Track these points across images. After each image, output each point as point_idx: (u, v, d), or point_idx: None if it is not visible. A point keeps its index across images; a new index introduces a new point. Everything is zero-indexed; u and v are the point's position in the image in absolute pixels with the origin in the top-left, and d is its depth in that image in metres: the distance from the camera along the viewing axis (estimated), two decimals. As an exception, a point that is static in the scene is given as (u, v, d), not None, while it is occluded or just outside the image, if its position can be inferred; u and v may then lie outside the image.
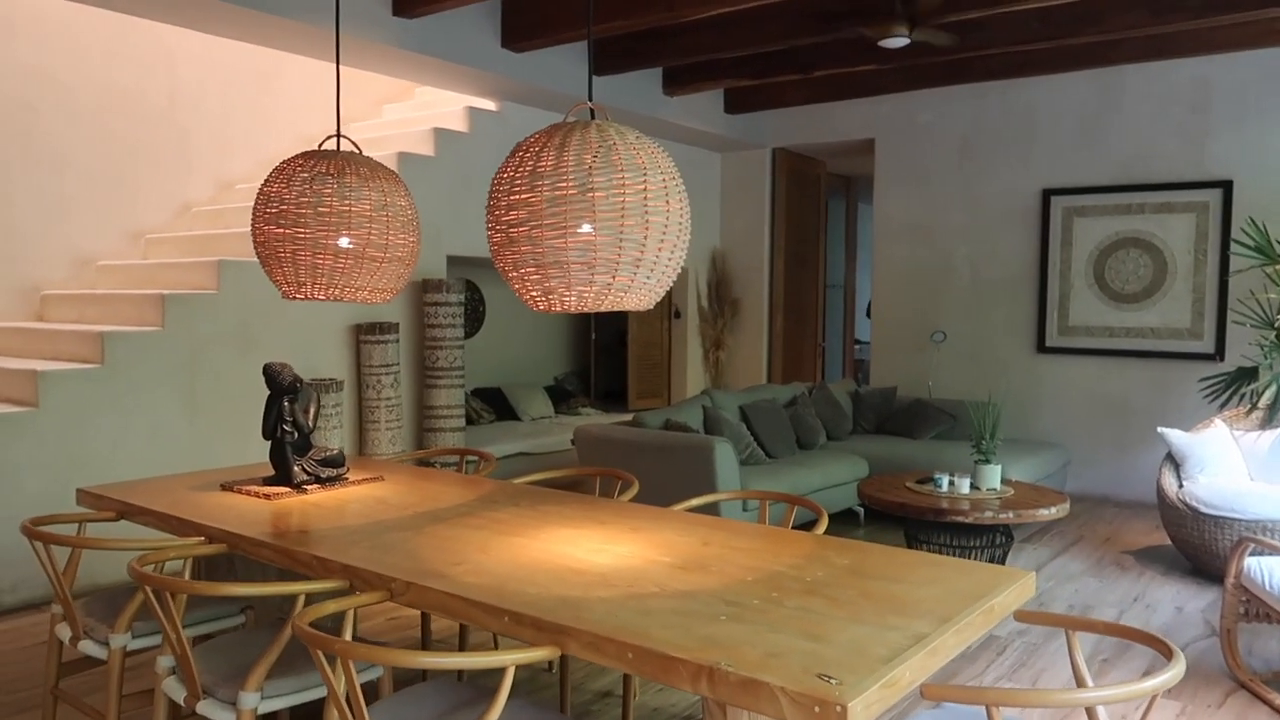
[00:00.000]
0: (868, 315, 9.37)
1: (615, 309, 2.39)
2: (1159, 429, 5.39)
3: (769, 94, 7.78)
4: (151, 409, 4.76)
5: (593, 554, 2.41)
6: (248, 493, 3.10)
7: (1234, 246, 6.13)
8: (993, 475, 4.71)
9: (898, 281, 7.87)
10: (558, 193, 2.26)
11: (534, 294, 2.37)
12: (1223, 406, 5.69)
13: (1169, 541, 5.32)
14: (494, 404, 7.91)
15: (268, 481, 3.19)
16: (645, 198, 2.28)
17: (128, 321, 5.00)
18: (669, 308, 8.60)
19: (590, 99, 2.52)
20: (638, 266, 2.31)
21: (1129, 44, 6.29)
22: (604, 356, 9.38)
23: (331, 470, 3.22)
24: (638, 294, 2.36)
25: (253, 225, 2.97)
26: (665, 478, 4.99)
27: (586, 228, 2.25)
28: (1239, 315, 6.09)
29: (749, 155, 8.61)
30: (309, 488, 3.15)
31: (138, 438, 4.70)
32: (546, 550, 2.44)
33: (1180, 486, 5.12)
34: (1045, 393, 7.17)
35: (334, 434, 5.36)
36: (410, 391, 6.05)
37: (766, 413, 5.99)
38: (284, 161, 2.98)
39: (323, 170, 2.91)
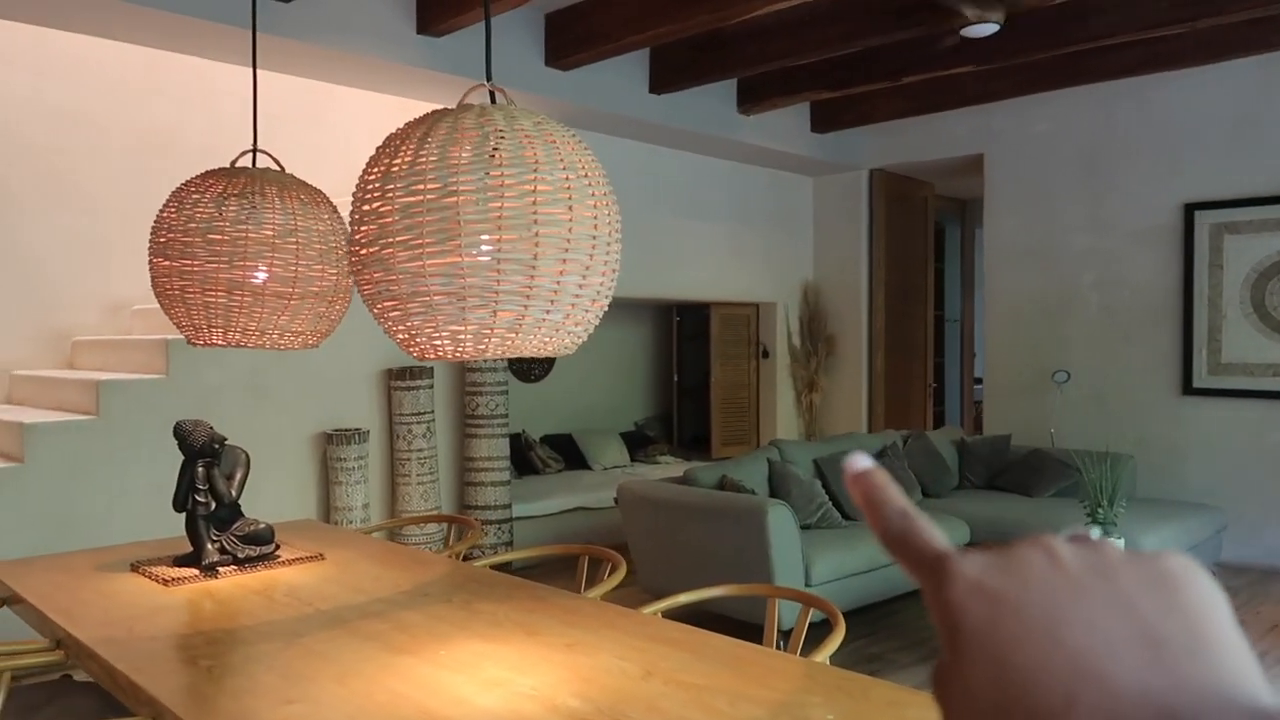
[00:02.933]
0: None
1: (510, 355, 1.76)
2: (1339, 492, 4.31)
3: (860, 108, 7.01)
4: (151, 464, 4.40)
5: (483, 689, 1.77)
6: (150, 576, 2.61)
7: None
8: (1113, 552, 3.77)
9: (1013, 314, 6.90)
10: (412, 199, 1.66)
11: (400, 336, 1.78)
12: None
13: (1357, 634, 4.22)
14: (564, 452, 7.36)
15: (179, 561, 2.70)
16: (534, 203, 1.66)
17: (138, 369, 4.70)
18: (756, 346, 7.87)
19: (489, 78, 1.92)
20: (528, 297, 1.68)
21: (1288, 24, 5.25)
22: (688, 400, 8.70)
23: (252, 549, 2.70)
24: (535, 334, 1.73)
25: (149, 259, 2.50)
26: (714, 545, 4.29)
27: (469, 245, 1.65)
28: None
29: (843, 178, 7.83)
30: (223, 570, 2.63)
31: (136, 496, 4.35)
32: (426, 681, 1.81)
33: (1370, 566, 4.03)
34: (1194, 443, 6.05)
35: (357, 489, 4.91)
36: (449, 442, 5.56)
37: (846, 467, 5.18)
38: (183, 183, 2.51)
39: (220, 190, 2.42)
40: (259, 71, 5.40)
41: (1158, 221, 6.22)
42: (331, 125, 6.25)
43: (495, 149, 1.68)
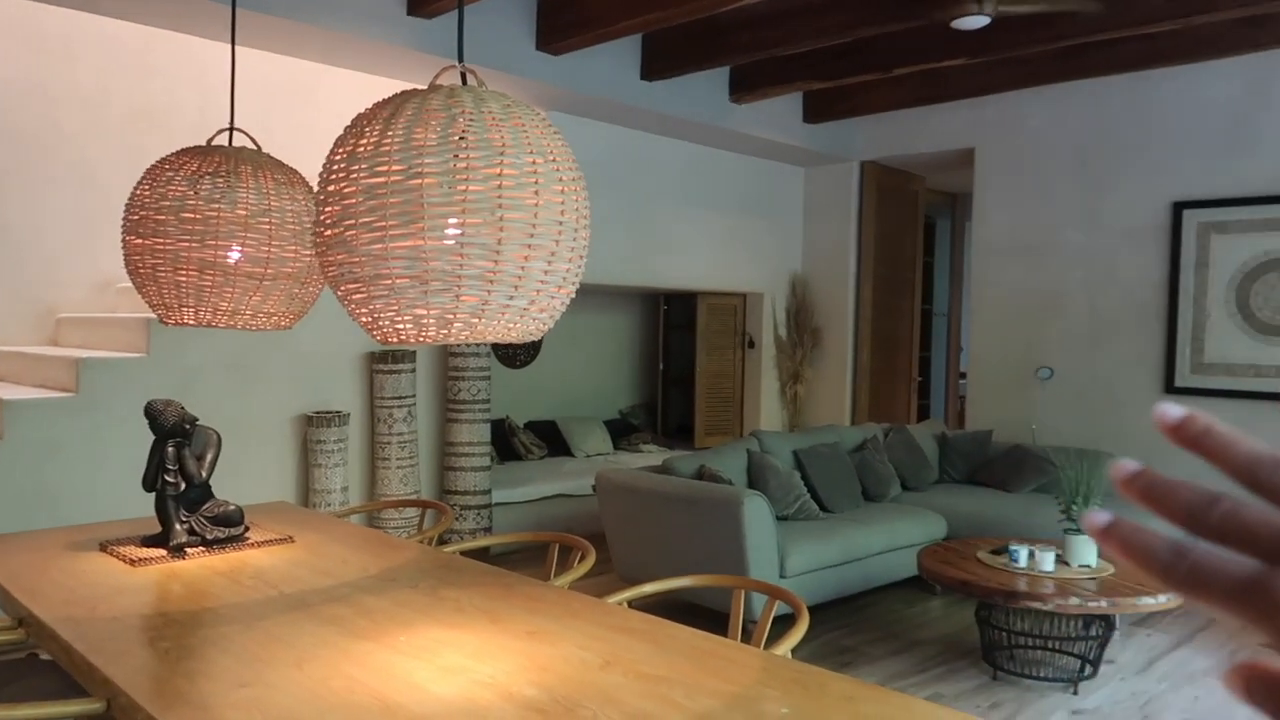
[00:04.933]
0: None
1: (474, 340, 1.75)
2: (1315, 494, 4.32)
3: (852, 99, 6.99)
4: (132, 443, 4.36)
5: (440, 676, 1.76)
6: (118, 556, 2.60)
7: None
8: (1086, 549, 3.79)
9: (999, 310, 6.90)
10: (376, 180, 1.64)
11: (363, 319, 1.76)
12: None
13: (1329, 636, 4.23)
14: (547, 439, 7.35)
15: (147, 541, 2.68)
16: (500, 187, 1.64)
17: (121, 347, 4.67)
18: (742, 336, 7.86)
19: (461, 59, 1.90)
20: (492, 282, 1.67)
21: (1280, 24, 5.23)
22: (674, 389, 8.70)
23: (221, 531, 2.68)
24: (499, 319, 1.71)
25: (122, 237, 2.48)
26: (690, 535, 4.29)
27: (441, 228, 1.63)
28: None
29: (834, 169, 7.81)
30: (191, 551, 2.62)
31: (116, 474, 4.33)
32: (383, 667, 1.81)
33: (1343, 569, 4.04)
34: (1175, 441, 6.05)
35: (336, 472, 4.89)
36: (430, 426, 5.54)
37: (826, 459, 5.19)
38: (157, 161, 2.48)
39: (194, 169, 2.40)
40: (249, 50, 5.38)
41: (1147, 220, 6.22)
42: (322, 106, 6.20)
43: (464, 133, 1.66)
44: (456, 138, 1.65)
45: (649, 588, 2.48)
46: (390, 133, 1.65)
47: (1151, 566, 0.34)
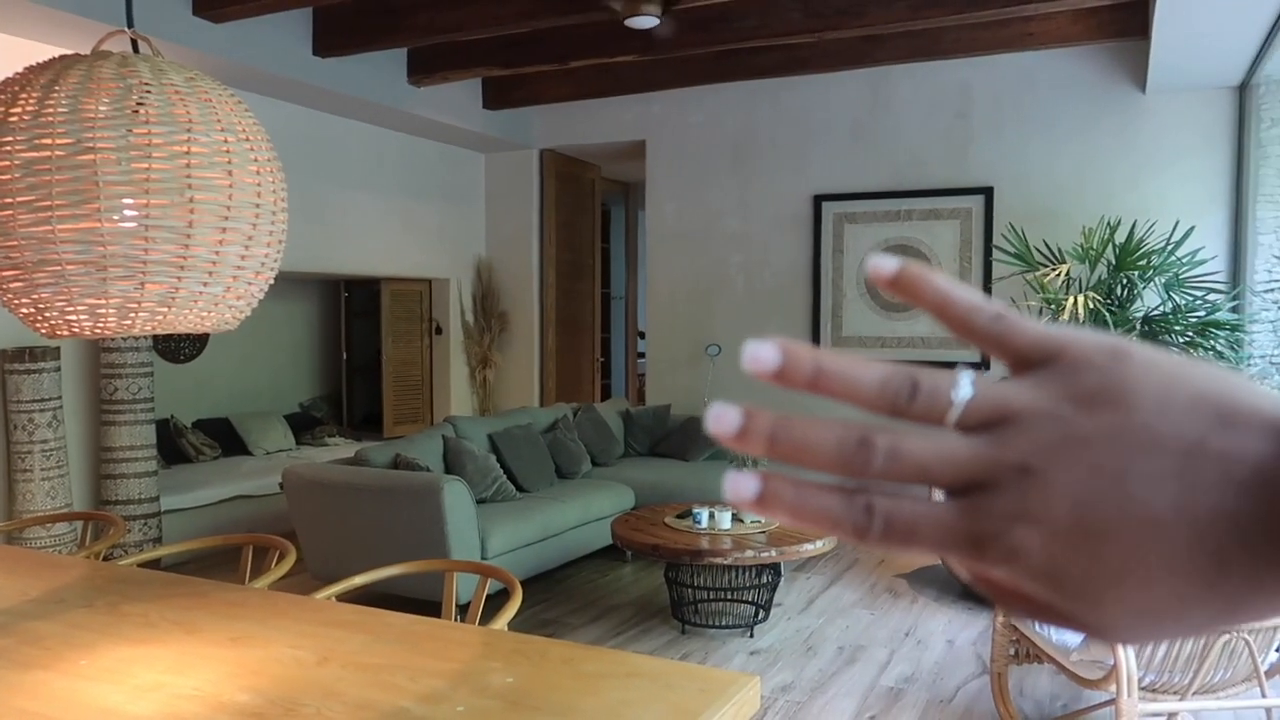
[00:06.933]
0: (640, 336, 8.90)
1: (162, 331, 1.62)
2: (930, 444, 5.11)
3: (531, 88, 7.13)
4: None
5: (135, 696, 1.63)
6: None
7: (995, 253, 6.01)
8: (757, 506, 4.22)
9: (672, 292, 7.41)
10: (38, 154, 1.47)
11: (24, 310, 1.57)
12: (990, 418, 5.52)
13: (939, 561, 5.04)
14: (220, 438, 6.82)
15: None
16: (188, 166, 1.53)
17: None
18: (429, 323, 7.77)
19: (130, 24, 1.74)
20: (182, 268, 1.56)
21: (894, 43, 6.07)
22: (359, 379, 8.42)
23: None
24: (191, 308, 1.61)
25: None
26: (389, 526, 4.21)
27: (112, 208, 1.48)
28: (1003, 323, 5.97)
29: (515, 156, 7.93)
30: None
31: None
32: (64, 696, 1.63)
33: (951, 505, 4.84)
34: (818, 408, 6.83)
35: (-38, 490, 4.23)
36: (82, 431, 4.95)
37: (520, 441, 5.30)
38: None
39: None
40: None
41: (792, 210, 6.96)
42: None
43: (139, 104, 1.53)
44: (130, 111, 1.52)
45: (359, 579, 2.43)
46: (52, 101, 1.48)
47: (840, 529, 0.31)
